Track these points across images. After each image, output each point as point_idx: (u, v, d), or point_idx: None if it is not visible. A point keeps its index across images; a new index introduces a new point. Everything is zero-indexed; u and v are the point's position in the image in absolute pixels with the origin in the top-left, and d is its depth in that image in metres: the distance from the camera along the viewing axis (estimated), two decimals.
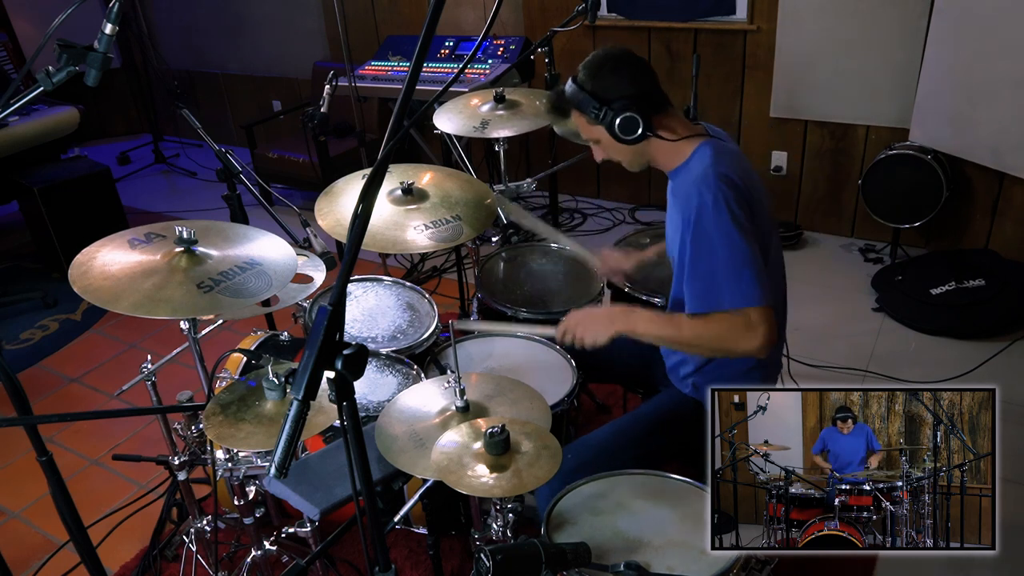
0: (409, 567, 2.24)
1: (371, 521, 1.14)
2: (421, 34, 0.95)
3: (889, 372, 2.92)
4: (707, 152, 1.68)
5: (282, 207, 2.29)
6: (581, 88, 1.70)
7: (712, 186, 1.60)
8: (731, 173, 1.62)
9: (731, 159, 1.68)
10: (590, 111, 1.69)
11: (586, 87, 1.69)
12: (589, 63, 1.72)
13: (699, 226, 1.61)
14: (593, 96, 1.68)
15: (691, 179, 1.67)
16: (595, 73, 1.70)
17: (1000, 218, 3.43)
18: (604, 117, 1.67)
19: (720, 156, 1.67)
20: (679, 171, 1.75)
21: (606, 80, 1.69)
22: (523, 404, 1.66)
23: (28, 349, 3.56)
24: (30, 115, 4.08)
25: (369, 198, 0.99)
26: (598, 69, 1.70)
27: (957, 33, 3.12)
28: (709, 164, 1.64)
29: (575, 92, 1.71)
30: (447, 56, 4.15)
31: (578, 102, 1.71)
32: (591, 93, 1.68)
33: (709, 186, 1.60)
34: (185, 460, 1.95)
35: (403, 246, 1.99)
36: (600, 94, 1.68)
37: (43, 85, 1.44)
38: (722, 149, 1.70)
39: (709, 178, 1.61)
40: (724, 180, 1.60)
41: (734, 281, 1.59)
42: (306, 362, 0.97)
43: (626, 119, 1.66)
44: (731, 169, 1.64)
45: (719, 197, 1.59)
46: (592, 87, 1.69)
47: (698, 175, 1.65)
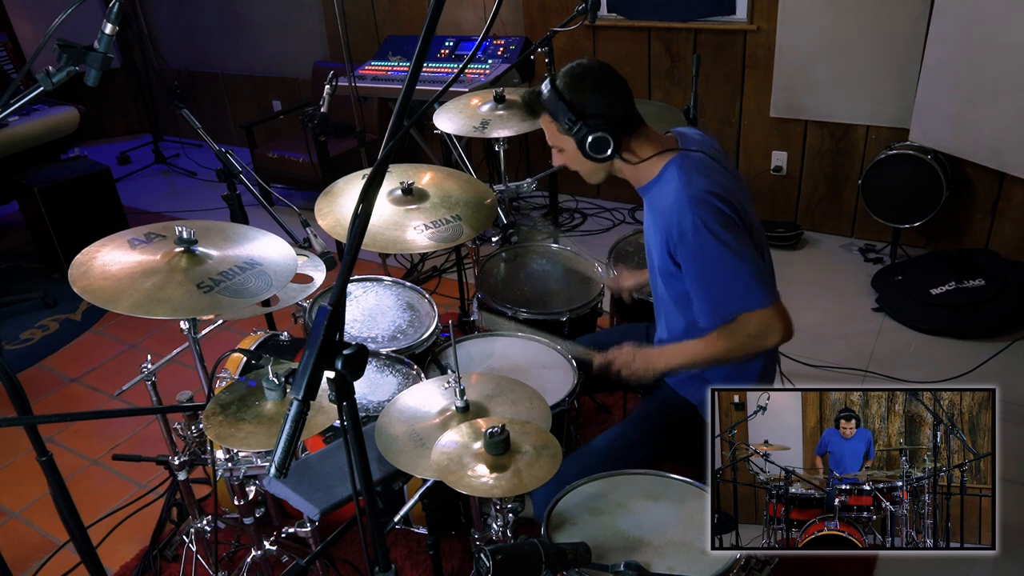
0: (409, 567, 2.24)
1: (371, 521, 1.14)
2: (421, 34, 0.95)
3: (889, 372, 2.92)
4: (674, 173, 1.69)
5: (282, 207, 2.29)
6: (560, 96, 1.69)
7: (688, 212, 1.61)
8: (705, 189, 1.64)
9: (701, 171, 1.68)
10: (564, 121, 1.69)
11: (564, 96, 1.69)
12: (572, 73, 1.71)
13: (687, 249, 1.64)
14: (570, 107, 1.68)
15: (666, 198, 1.69)
16: (576, 85, 1.69)
17: (1000, 218, 3.43)
18: (577, 131, 1.68)
19: (689, 174, 1.67)
20: (650, 187, 1.77)
21: (585, 95, 1.68)
22: (523, 404, 1.66)
23: (28, 349, 3.56)
24: (30, 115, 4.08)
25: (369, 198, 0.99)
26: (580, 82, 1.69)
27: (957, 33, 3.12)
28: (680, 187, 1.65)
29: (552, 99, 1.70)
30: (447, 56, 4.15)
31: (553, 109, 1.71)
32: (568, 104, 1.68)
33: (684, 212, 1.62)
34: (185, 460, 1.95)
35: (403, 246, 1.99)
36: (577, 107, 1.68)
37: (43, 85, 1.44)
38: (690, 164, 1.70)
39: (683, 203, 1.63)
40: (698, 202, 1.62)
41: (738, 292, 1.63)
42: (306, 362, 0.97)
43: (598, 139, 1.67)
44: (703, 184, 1.65)
45: (697, 223, 1.60)
46: (571, 98, 1.68)
47: (672, 197, 1.66)
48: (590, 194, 4.54)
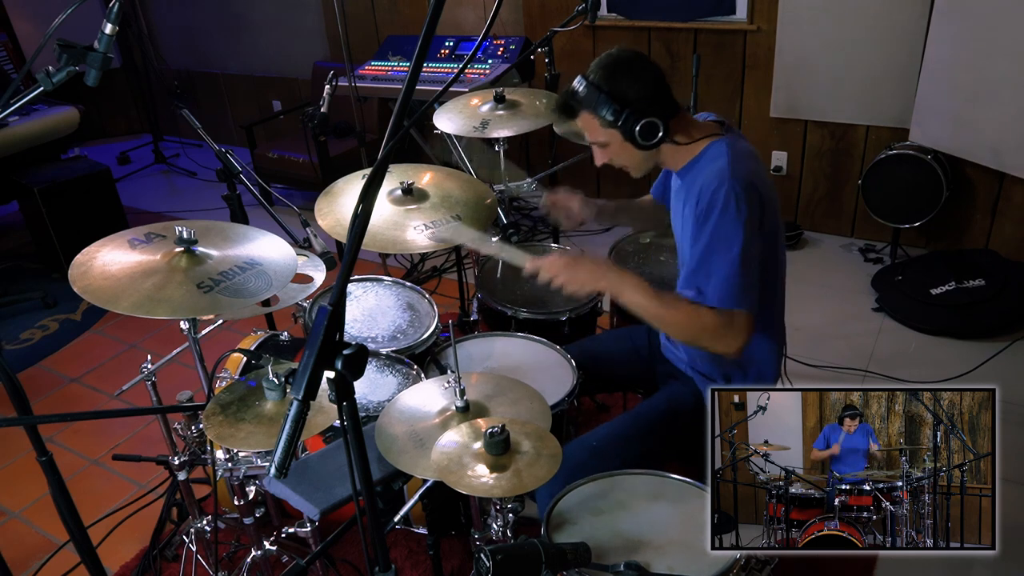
0: (409, 567, 2.24)
1: (371, 521, 1.14)
2: (421, 34, 0.95)
3: (889, 372, 2.92)
4: (723, 150, 1.64)
5: (282, 207, 2.29)
6: (597, 89, 1.62)
7: (728, 185, 1.56)
8: (750, 175, 1.59)
9: (749, 160, 1.65)
10: (607, 113, 1.61)
11: (603, 87, 1.61)
12: (605, 64, 1.64)
13: (708, 219, 1.59)
14: (611, 98, 1.60)
15: (704, 176, 1.63)
16: (612, 75, 1.62)
17: (1000, 218, 3.44)
18: (623, 121, 1.60)
19: (739, 156, 1.63)
20: (688, 168, 1.71)
21: (623, 82, 1.61)
22: (523, 404, 1.66)
23: (28, 349, 3.56)
24: (30, 115, 4.08)
25: (369, 198, 0.99)
26: (615, 70, 1.62)
27: (957, 33, 3.11)
28: (726, 164, 1.60)
29: (590, 93, 1.62)
30: (447, 56, 4.15)
31: (594, 103, 1.63)
32: (609, 95, 1.60)
33: (724, 183, 1.57)
34: (185, 460, 1.95)
35: (403, 246, 1.99)
36: (618, 96, 1.60)
37: (43, 85, 1.44)
38: (739, 149, 1.66)
39: (726, 177, 1.57)
40: (742, 182, 1.57)
41: (726, 279, 1.57)
42: (306, 362, 0.97)
43: (647, 124, 1.60)
44: (749, 171, 1.61)
45: (731, 197, 1.55)
46: (609, 88, 1.61)
47: (713, 173, 1.61)
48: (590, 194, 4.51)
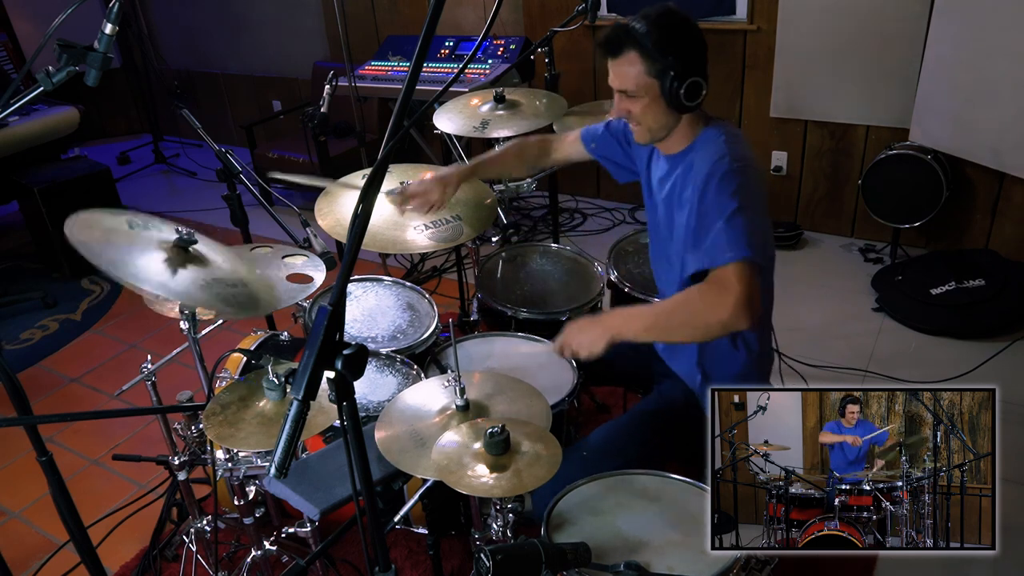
0: (409, 567, 2.24)
1: (371, 521, 1.14)
2: (421, 34, 0.95)
3: (889, 372, 2.92)
4: (717, 135, 1.64)
5: (282, 207, 2.29)
6: (660, 31, 1.53)
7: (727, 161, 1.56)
8: (747, 158, 1.60)
9: (746, 146, 1.65)
10: (658, 60, 1.54)
11: (664, 33, 1.53)
12: (663, 12, 1.56)
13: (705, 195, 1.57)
14: (669, 46, 1.53)
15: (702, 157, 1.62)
16: (672, 24, 1.55)
17: (1000, 218, 3.43)
18: (672, 74, 1.54)
19: (735, 142, 1.63)
20: (684, 154, 1.70)
21: (678, 37, 1.55)
22: (523, 404, 1.66)
23: (28, 349, 3.56)
24: (30, 115, 4.08)
25: (369, 198, 0.99)
26: (675, 22, 1.56)
27: (957, 33, 3.11)
28: (723, 146, 1.60)
29: (652, 34, 1.53)
30: (447, 56, 4.15)
31: (648, 45, 1.54)
32: (669, 42, 1.53)
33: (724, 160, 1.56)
34: (185, 460, 1.95)
35: (403, 246, 2.00)
36: (674, 48, 1.54)
37: (43, 85, 1.44)
38: (738, 136, 1.67)
39: (724, 154, 1.57)
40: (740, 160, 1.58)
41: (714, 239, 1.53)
42: (306, 362, 0.97)
43: (693, 84, 1.56)
44: (746, 154, 1.61)
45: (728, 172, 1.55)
46: (669, 37, 1.53)
47: (711, 152, 1.60)
48: (590, 194, 4.54)
